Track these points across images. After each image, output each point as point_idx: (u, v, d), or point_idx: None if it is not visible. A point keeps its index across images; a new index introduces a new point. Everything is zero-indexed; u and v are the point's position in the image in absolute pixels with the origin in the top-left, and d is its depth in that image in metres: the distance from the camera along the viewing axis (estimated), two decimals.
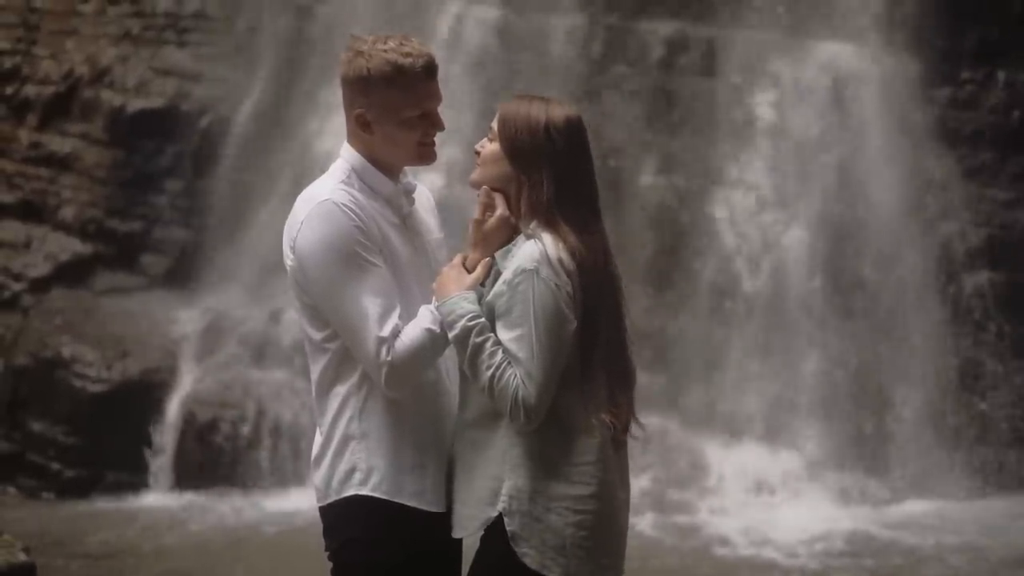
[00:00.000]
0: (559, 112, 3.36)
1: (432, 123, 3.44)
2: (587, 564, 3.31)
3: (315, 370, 3.46)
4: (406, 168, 3.55)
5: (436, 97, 3.45)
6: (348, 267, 3.33)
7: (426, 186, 3.69)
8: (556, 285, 3.26)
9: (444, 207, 3.84)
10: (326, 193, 3.39)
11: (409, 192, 3.54)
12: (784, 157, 10.39)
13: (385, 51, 3.38)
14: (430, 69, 3.42)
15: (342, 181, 3.43)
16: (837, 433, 9.81)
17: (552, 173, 3.33)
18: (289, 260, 3.43)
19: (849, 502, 9.48)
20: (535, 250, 3.29)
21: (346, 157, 3.48)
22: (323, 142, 10.84)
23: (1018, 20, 10.41)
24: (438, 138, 3.52)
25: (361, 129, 3.44)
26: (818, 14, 10.57)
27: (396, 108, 3.39)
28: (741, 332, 10.12)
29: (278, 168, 10.97)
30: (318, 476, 3.45)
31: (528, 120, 3.34)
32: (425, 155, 3.47)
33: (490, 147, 3.40)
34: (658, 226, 10.44)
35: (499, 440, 3.33)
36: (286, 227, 3.45)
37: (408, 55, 3.38)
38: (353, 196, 3.39)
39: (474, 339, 3.28)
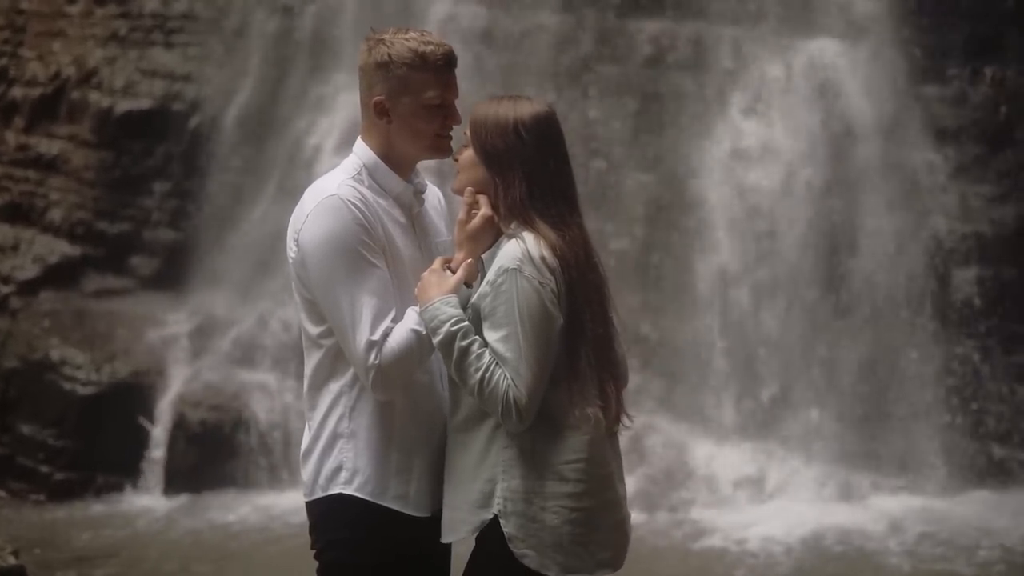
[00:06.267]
0: (527, 110, 3.37)
1: (449, 114, 3.45)
2: (586, 560, 3.32)
3: (309, 365, 3.46)
4: (418, 168, 3.55)
5: (454, 90, 3.46)
6: (348, 265, 3.33)
7: None
8: (540, 283, 3.26)
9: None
10: (333, 188, 3.39)
11: (420, 192, 3.54)
12: (772, 155, 10.40)
13: (407, 39, 3.42)
14: (450, 60, 3.44)
15: (352, 177, 3.42)
16: (827, 430, 9.82)
17: (524, 171, 3.34)
18: (292, 252, 3.42)
19: (839, 498, 9.49)
20: (517, 249, 3.29)
21: (359, 153, 3.48)
22: (312, 142, 10.83)
23: (1005, 16, 10.43)
24: None
25: (378, 117, 3.43)
26: (805, 11, 10.58)
27: (416, 92, 3.39)
28: (730, 331, 10.13)
29: (267, 168, 10.96)
30: (306, 471, 3.46)
31: (497, 121, 3.35)
32: (441, 147, 3.47)
33: (466, 153, 3.42)
34: (646, 224, 10.44)
35: (490, 442, 3.32)
36: (292, 219, 3.44)
37: (429, 43, 3.42)
38: (361, 193, 3.39)
39: (459, 343, 3.27)
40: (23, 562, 5.04)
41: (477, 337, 3.29)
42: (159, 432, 10.05)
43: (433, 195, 3.62)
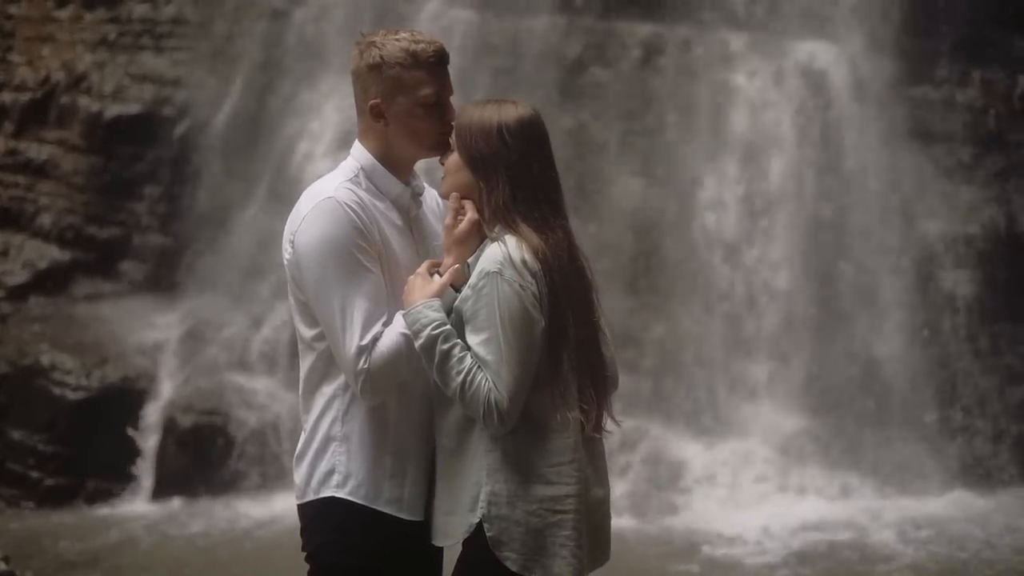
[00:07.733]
0: (511, 113, 3.37)
1: (446, 111, 3.44)
2: (569, 564, 3.31)
3: (303, 367, 3.46)
4: (415, 171, 3.54)
5: (449, 86, 3.46)
6: (342, 268, 3.32)
7: None
8: (521, 286, 3.26)
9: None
10: (330, 190, 3.38)
11: (417, 194, 3.53)
12: (762, 157, 10.41)
13: (397, 39, 3.42)
14: (441, 57, 3.44)
15: (349, 179, 3.42)
16: (819, 432, 9.83)
17: (508, 175, 3.34)
18: (287, 254, 3.42)
19: (831, 500, 9.50)
20: (498, 252, 3.29)
21: (356, 156, 3.47)
22: (302, 146, 10.83)
23: (993, 19, 10.46)
24: None
25: (375, 120, 3.43)
26: (795, 14, 10.60)
27: (411, 90, 3.39)
28: (722, 333, 10.14)
29: (257, 172, 10.94)
30: (298, 473, 3.46)
31: (481, 126, 3.36)
32: (443, 145, 3.46)
33: (452, 156, 3.42)
34: (637, 227, 10.45)
35: (475, 446, 3.33)
36: (288, 220, 3.44)
37: (420, 42, 3.42)
38: (358, 196, 3.38)
39: (440, 347, 3.27)
40: (13, 568, 5.03)
41: (459, 341, 3.29)
42: (149, 437, 10.03)
43: (431, 197, 3.61)
